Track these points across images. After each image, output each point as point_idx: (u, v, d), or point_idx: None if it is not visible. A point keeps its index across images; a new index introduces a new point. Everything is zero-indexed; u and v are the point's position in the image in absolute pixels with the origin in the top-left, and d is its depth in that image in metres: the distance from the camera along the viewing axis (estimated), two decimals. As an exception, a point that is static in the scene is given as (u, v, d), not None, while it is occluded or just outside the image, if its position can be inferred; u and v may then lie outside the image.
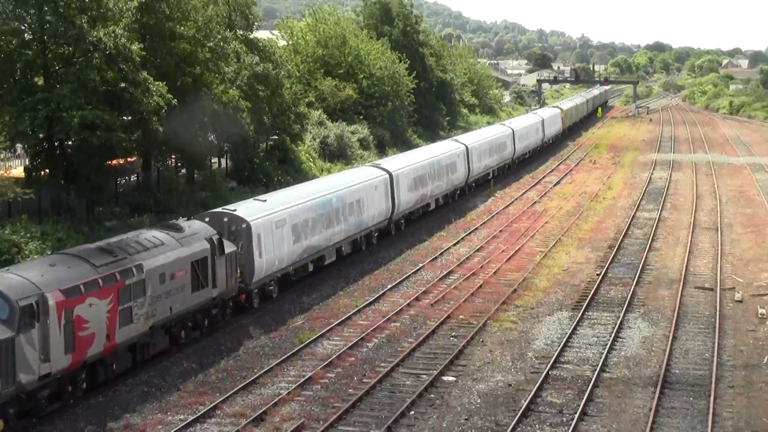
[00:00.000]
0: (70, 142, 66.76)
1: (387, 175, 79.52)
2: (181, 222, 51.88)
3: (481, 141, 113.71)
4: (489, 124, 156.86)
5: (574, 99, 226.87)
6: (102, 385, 43.87)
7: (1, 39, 65.14)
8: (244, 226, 55.60)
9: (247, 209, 58.60)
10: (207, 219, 55.26)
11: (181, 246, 48.38)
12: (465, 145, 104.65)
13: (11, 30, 65.20)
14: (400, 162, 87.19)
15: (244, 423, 40.69)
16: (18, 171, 68.08)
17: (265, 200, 61.83)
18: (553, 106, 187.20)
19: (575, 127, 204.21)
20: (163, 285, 46.29)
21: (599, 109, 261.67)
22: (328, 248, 66.98)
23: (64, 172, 67.31)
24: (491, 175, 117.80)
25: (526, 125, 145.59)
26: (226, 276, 51.82)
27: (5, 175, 61.91)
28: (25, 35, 66.15)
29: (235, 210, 57.45)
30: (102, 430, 40.07)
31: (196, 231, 50.87)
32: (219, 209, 58.89)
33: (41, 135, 65.92)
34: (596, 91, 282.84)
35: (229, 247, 52.74)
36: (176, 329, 48.91)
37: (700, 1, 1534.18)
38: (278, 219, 59.30)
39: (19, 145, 68.44)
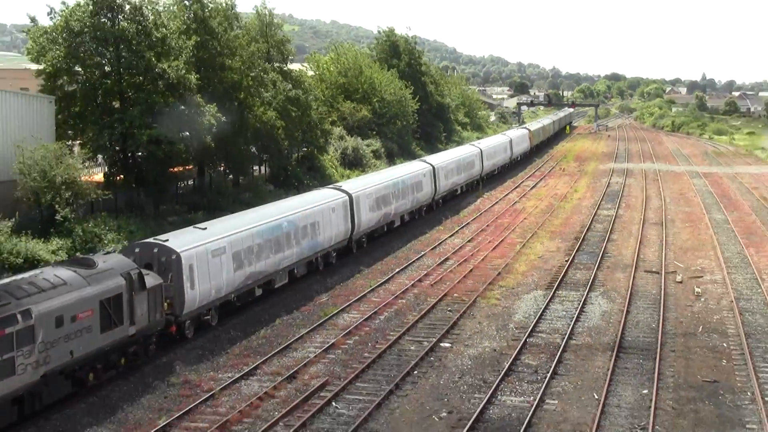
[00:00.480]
0: (140, 154, 67.48)
1: (346, 197, 67.79)
2: (96, 257, 42.77)
3: (449, 161, 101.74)
4: (478, 138, 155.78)
5: (542, 120, 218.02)
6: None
7: (86, 71, 66.15)
8: (173, 257, 45.81)
9: (180, 239, 48.33)
10: (137, 250, 46.38)
11: (88, 285, 38.88)
12: (432, 165, 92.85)
13: (95, 64, 66.01)
14: (362, 183, 75.54)
15: (280, 380, 40.91)
16: (99, 177, 68.31)
17: (204, 228, 51.22)
18: (522, 127, 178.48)
19: (543, 145, 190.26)
20: (61, 329, 36.67)
21: (567, 127, 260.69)
22: (278, 272, 56.42)
23: (135, 177, 68.10)
24: (459, 191, 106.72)
25: (494, 145, 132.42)
26: (148, 311, 42.47)
27: (89, 179, 62.01)
28: (105, 68, 66.71)
29: (166, 240, 47.23)
30: (166, 384, 40.36)
31: (111, 267, 41.30)
32: (150, 239, 48.69)
33: (117, 148, 66.86)
34: (562, 113, 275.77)
35: (153, 280, 43.35)
36: (82, 372, 38.88)
37: (649, 40, 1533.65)
38: (216, 248, 48.98)
39: (99, 156, 68.80)
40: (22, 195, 56.18)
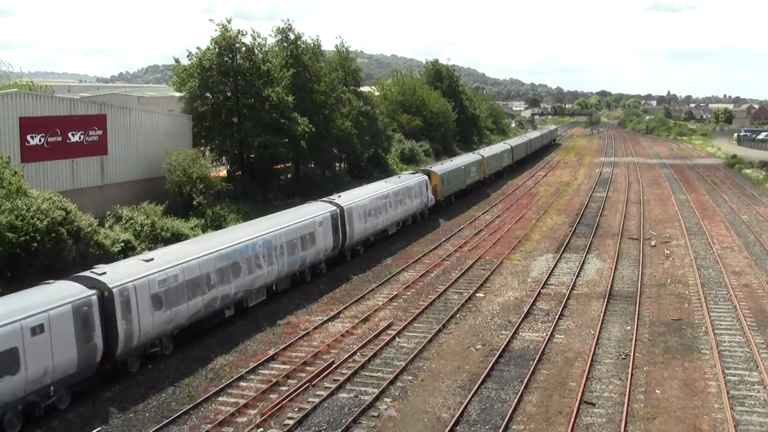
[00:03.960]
0: (252, 155, 67.88)
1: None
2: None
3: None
4: (503, 140, 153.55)
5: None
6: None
7: (214, 96, 67.03)
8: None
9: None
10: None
11: None
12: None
13: (219, 91, 66.72)
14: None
15: (357, 321, 41.13)
16: (223, 173, 69.02)
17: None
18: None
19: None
20: None
21: (553, 141, 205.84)
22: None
23: (249, 173, 68.55)
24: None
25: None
26: None
27: (216, 175, 62.82)
28: (227, 93, 67.33)
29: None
30: (273, 325, 40.70)
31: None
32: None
33: (236, 151, 67.29)
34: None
35: None
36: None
37: (628, 66, 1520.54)
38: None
39: (223, 157, 69.46)
40: (169, 187, 56.90)
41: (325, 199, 55.44)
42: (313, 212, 50.37)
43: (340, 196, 56.28)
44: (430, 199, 73.39)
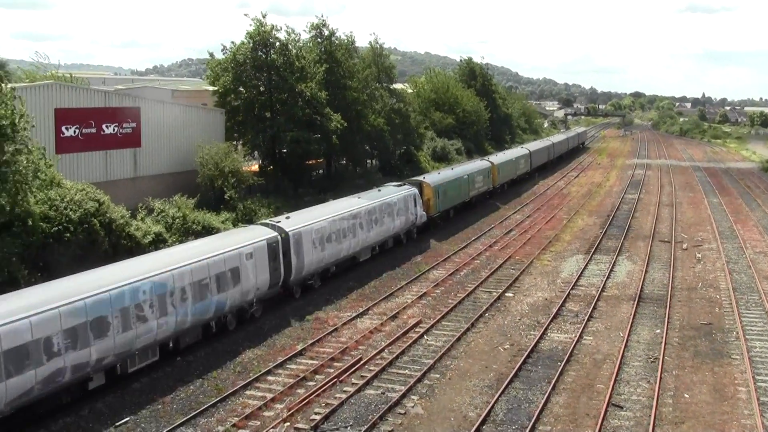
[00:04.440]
0: (284, 150, 68.08)
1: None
2: None
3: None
4: (535, 139, 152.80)
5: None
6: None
7: (247, 91, 67.10)
8: None
9: None
10: None
11: None
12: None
13: (253, 85, 66.96)
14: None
15: (385, 318, 41.15)
16: (255, 167, 69.24)
17: None
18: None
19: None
20: None
21: (581, 144, 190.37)
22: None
23: (281, 167, 68.70)
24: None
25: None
26: None
27: (248, 169, 63.08)
28: (261, 88, 67.54)
29: None
30: (302, 320, 40.82)
31: None
32: None
33: (268, 146, 67.44)
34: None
35: None
36: None
37: (665, 68, 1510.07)
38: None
39: (255, 152, 69.72)
40: (200, 181, 57.16)
41: (265, 221, 44.92)
42: (238, 242, 38.53)
43: (288, 218, 45.12)
44: (419, 216, 61.61)
